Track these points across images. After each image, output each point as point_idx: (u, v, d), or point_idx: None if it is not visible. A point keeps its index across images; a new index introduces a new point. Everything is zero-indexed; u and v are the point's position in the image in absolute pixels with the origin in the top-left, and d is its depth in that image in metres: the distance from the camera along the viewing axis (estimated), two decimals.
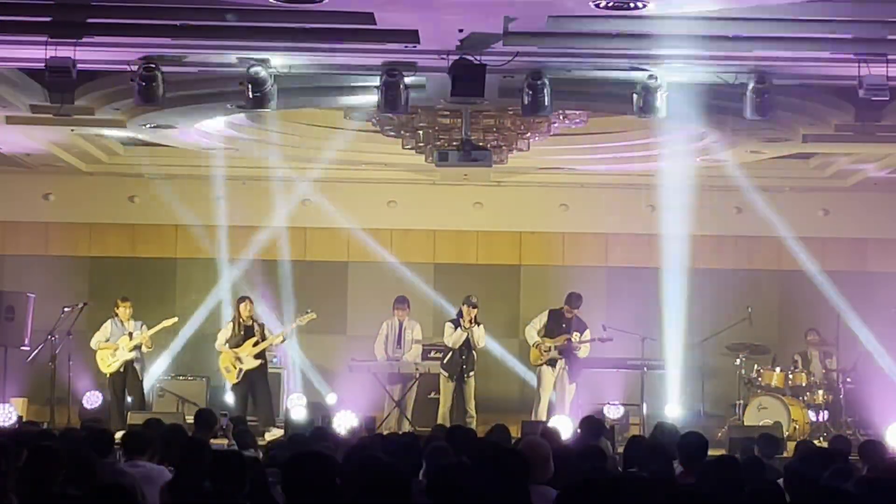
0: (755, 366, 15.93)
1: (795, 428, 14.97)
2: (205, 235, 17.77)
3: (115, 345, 15.18)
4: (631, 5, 9.14)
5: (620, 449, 9.61)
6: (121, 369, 15.18)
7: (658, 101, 11.14)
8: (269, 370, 15.64)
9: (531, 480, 6.51)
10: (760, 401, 15.30)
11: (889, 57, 10.40)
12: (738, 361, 15.97)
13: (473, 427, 14.44)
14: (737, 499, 6.16)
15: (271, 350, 15.82)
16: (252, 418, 14.86)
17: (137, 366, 15.31)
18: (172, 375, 16.65)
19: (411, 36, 10.16)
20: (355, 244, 18.06)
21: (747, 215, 17.86)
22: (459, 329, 15.26)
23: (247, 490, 6.34)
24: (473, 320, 15.28)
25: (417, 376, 15.54)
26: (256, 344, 15.16)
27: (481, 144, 13.62)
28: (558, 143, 15.37)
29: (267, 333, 15.30)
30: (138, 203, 17.96)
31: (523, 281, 18.09)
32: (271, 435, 14.33)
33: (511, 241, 18.23)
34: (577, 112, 13.87)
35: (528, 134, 14.19)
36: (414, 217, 18.11)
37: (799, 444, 10.15)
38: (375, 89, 11.26)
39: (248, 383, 15.13)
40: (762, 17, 9.79)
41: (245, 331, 15.24)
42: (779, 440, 11.02)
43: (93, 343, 15.31)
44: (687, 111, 12.55)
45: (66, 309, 15.73)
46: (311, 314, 15.50)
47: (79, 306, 15.81)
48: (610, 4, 9.13)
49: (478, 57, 10.55)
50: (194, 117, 13.86)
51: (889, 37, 10.08)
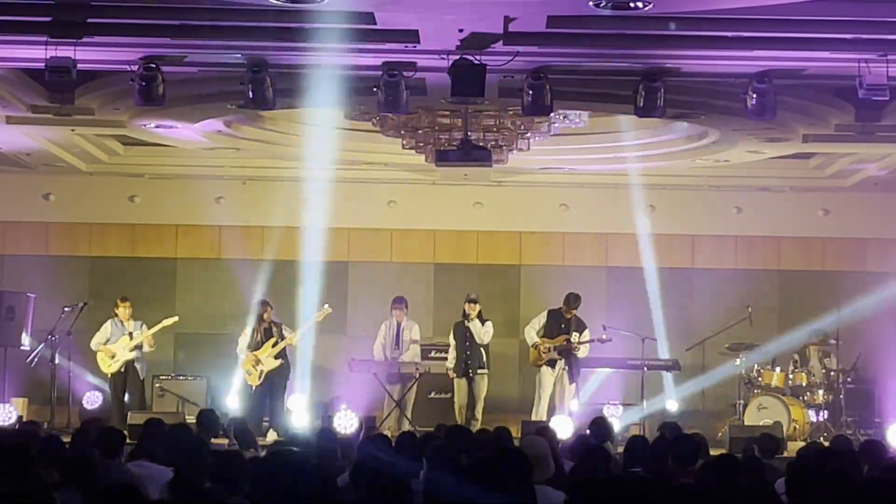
0: (755, 366, 15.93)
1: (795, 428, 14.97)
2: (205, 235, 17.79)
3: (113, 350, 15.18)
4: (631, 5, 9.14)
5: (620, 449, 9.61)
6: (121, 369, 15.19)
7: (658, 101, 11.14)
8: None
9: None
10: (760, 401, 15.29)
11: (889, 57, 10.40)
12: (738, 361, 15.96)
13: (474, 427, 14.45)
14: (736, 499, 6.16)
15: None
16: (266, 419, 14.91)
17: (138, 365, 15.31)
18: (172, 375, 16.65)
19: (411, 36, 10.17)
20: (355, 244, 18.06)
21: (747, 215, 17.87)
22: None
23: (247, 490, 6.34)
24: (477, 316, 15.31)
25: (417, 376, 15.55)
26: (276, 344, 15.17)
27: (481, 144, 13.62)
28: (558, 143, 15.36)
29: (285, 333, 15.28)
30: (138, 203, 17.95)
31: (523, 281, 18.07)
32: (272, 435, 14.34)
33: (511, 241, 18.22)
34: (577, 112, 13.87)
35: (528, 134, 14.18)
36: (414, 217, 18.09)
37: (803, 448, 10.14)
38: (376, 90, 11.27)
39: (269, 385, 15.13)
40: (762, 17, 9.79)
41: (264, 333, 15.25)
42: (779, 440, 11.03)
43: (93, 344, 15.31)
44: (683, 111, 12.58)
45: (66, 309, 15.73)
46: (328, 308, 15.48)
47: (79, 306, 15.81)
48: (610, 4, 9.13)
49: (478, 57, 10.56)
50: (194, 117, 13.86)
51: (889, 37, 10.08)
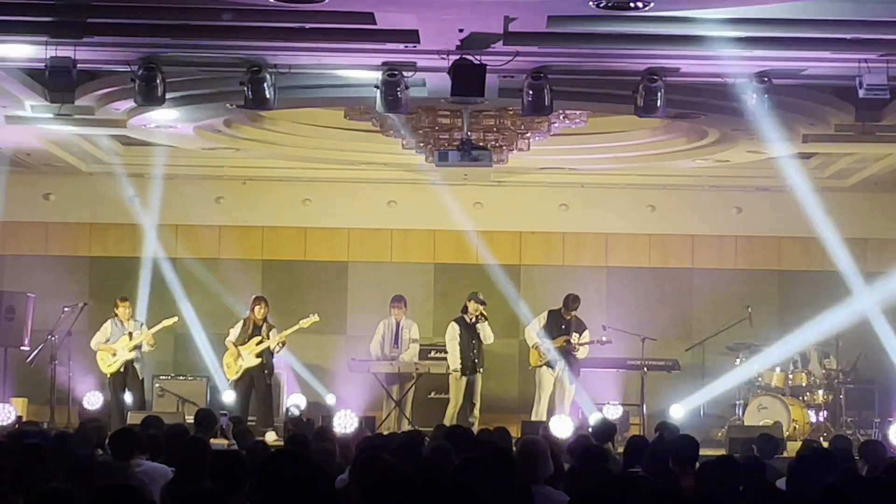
0: (755, 366, 15.92)
1: (795, 428, 14.97)
2: (205, 235, 17.78)
3: (114, 348, 15.17)
4: (631, 5, 9.14)
5: (620, 449, 9.62)
6: (121, 369, 15.18)
7: (658, 101, 11.13)
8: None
9: (529, 480, 6.49)
10: (760, 401, 15.30)
11: (889, 57, 10.40)
12: (738, 361, 15.96)
13: (475, 426, 14.46)
14: (735, 499, 6.16)
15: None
16: (252, 418, 14.86)
17: (137, 365, 15.30)
18: (172, 375, 16.64)
19: (411, 36, 10.16)
20: (355, 244, 18.06)
21: (747, 215, 17.86)
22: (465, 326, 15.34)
23: (246, 490, 6.34)
24: (481, 316, 15.31)
25: (416, 376, 15.54)
26: (260, 343, 15.16)
27: (481, 144, 13.62)
28: (558, 143, 15.36)
29: (273, 335, 15.26)
30: (138, 203, 17.92)
31: (523, 281, 18.07)
32: (270, 436, 14.33)
33: (511, 241, 18.21)
34: (577, 112, 13.87)
35: (528, 134, 14.18)
36: (414, 217, 18.08)
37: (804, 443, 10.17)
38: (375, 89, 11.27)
39: (249, 381, 15.12)
40: (763, 17, 9.79)
41: (254, 330, 15.24)
42: (778, 440, 11.03)
43: (93, 343, 15.30)
44: (683, 111, 12.57)
45: (66, 309, 15.75)
46: (315, 317, 15.45)
47: (79, 306, 15.82)
48: (610, 4, 9.12)
49: (478, 57, 10.55)
50: (194, 117, 13.86)
51: (889, 37, 10.08)
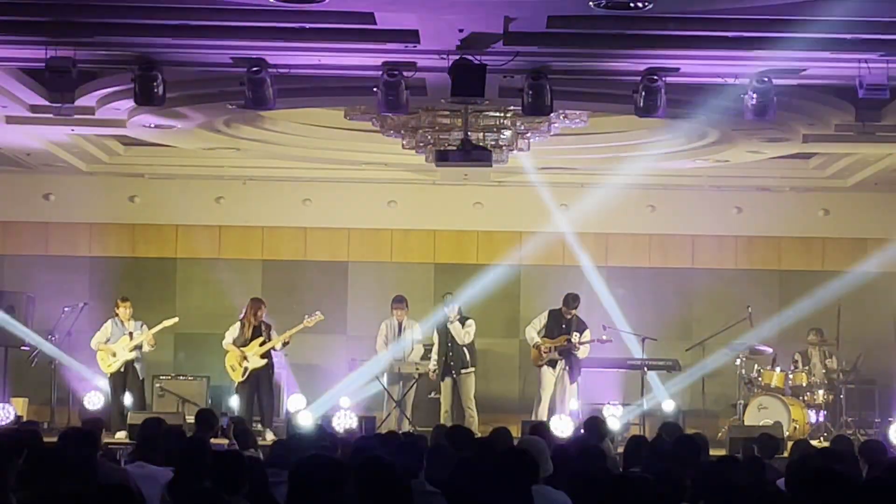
0: (755, 366, 15.93)
1: (795, 428, 14.96)
2: (205, 235, 17.79)
3: (114, 348, 15.17)
4: (631, 5, 9.13)
5: (620, 449, 9.62)
6: (121, 369, 15.17)
7: (658, 101, 11.13)
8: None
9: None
10: (760, 401, 15.30)
11: (889, 57, 10.40)
12: (738, 361, 15.95)
13: (474, 426, 14.48)
14: (735, 499, 6.16)
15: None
16: (257, 418, 14.89)
17: (138, 366, 15.29)
18: (172, 375, 16.64)
19: (411, 36, 10.16)
20: (355, 244, 18.05)
21: (747, 215, 17.86)
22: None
23: (246, 490, 6.34)
24: (458, 315, 15.29)
25: (417, 376, 15.55)
26: (263, 344, 15.15)
27: (481, 144, 13.62)
28: (558, 143, 15.35)
29: (273, 334, 15.26)
30: (138, 203, 17.93)
31: (523, 281, 18.06)
32: (270, 436, 14.34)
33: (511, 241, 18.20)
34: (577, 112, 13.87)
35: (528, 134, 14.18)
36: (414, 217, 18.07)
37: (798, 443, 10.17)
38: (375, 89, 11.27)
39: (255, 383, 15.11)
40: (763, 17, 9.79)
41: (253, 331, 15.23)
42: (778, 440, 11.04)
43: (93, 343, 15.29)
44: (688, 111, 12.56)
45: (66, 309, 15.75)
46: (320, 315, 15.44)
47: (79, 306, 15.81)
48: (610, 4, 9.12)
49: (478, 57, 10.55)
50: (194, 117, 13.85)
51: (889, 37, 10.08)
